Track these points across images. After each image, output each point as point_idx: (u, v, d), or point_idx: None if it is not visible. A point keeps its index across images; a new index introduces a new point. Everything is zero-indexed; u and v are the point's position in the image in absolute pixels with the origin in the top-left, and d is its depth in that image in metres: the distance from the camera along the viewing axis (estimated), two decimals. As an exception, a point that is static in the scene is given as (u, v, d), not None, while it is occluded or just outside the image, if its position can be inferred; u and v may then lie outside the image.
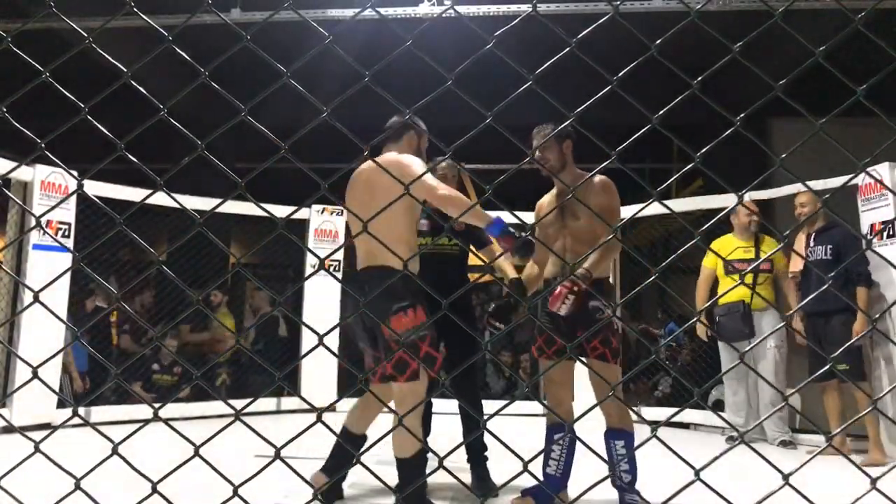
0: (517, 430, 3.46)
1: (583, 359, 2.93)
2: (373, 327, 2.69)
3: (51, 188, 5.06)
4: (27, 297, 4.84)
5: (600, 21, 1.17)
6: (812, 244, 4.56)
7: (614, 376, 2.90)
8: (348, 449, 2.79)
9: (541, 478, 3.11)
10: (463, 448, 3.13)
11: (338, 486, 3.00)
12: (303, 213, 6.38)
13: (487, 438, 3.19)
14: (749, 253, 4.95)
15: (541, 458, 3.05)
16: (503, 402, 1.55)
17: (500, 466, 3.22)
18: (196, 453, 1.14)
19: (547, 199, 3.26)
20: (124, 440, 1.15)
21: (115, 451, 1.13)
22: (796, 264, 4.64)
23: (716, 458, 1.05)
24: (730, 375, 5.04)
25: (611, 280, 3.15)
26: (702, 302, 5.09)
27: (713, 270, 5.10)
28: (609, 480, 2.86)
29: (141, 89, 1.23)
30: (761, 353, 4.86)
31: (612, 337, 2.88)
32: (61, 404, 4.91)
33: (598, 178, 3.05)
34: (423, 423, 3.28)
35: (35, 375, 1.17)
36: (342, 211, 6.35)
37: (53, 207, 1.46)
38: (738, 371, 4.94)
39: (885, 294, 4.39)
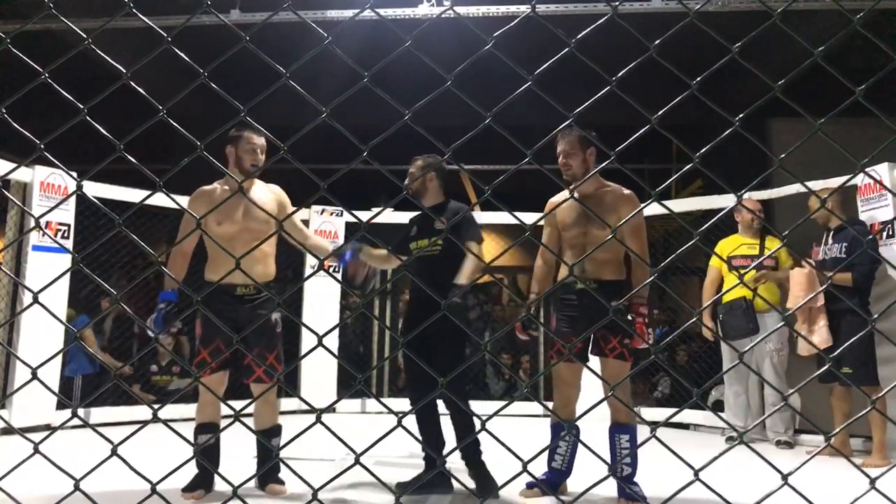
0: (517, 430, 3.46)
1: (586, 360, 3.02)
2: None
3: (50, 189, 5.06)
4: (27, 298, 4.84)
5: (599, 22, 1.17)
6: (830, 242, 4.52)
7: (626, 374, 3.03)
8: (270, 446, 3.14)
9: (541, 476, 3.15)
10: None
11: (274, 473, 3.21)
12: (303, 214, 6.38)
13: (488, 439, 3.19)
14: (753, 250, 4.92)
15: (541, 457, 3.08)
16: (503, 403, 1.55)
17: (500, 467, 3.22)
18: (195, 454, 1.14)
19: (563, 199, 3.29)
20: (123, 441, 1.15)
21: (114, 452, 1.13)
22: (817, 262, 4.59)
23: (715, 459, 1.05)
24: (731, 376, 5.02)
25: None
26: (708, 302, 5.05)
27: (719, 270, 5.06)
28: (609, 479, 2.89)
29: (140, 90, 1.23)
30: (761, 355, 4.85)
31: (629, 337, 3.00)
32: (61, 405, 4.92)
33: (625, 190, 3.15)
34: (434, 427, 3.29)
35: (34, 376, 1.17)
36: (342, 212, 6.36)
37: (53, 208, 1.46)
38: (739, 372, 4.93)
39: (889, 295, 4.36)
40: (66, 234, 5.11)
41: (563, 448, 3.12)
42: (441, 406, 3.43)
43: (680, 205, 6.15)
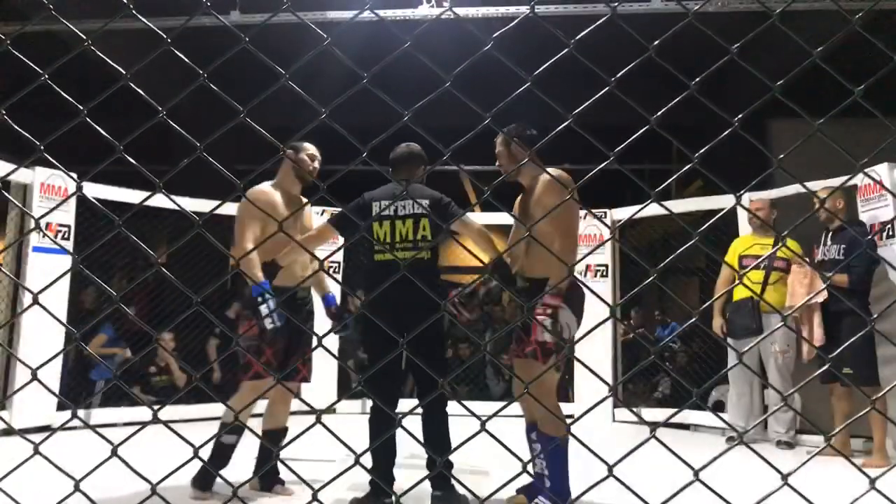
0: (517, 431, 3.45)
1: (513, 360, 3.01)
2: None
3: (50, 190, 5.06)
4: (27, 299, 4.84)
5: (598, 22, 1.17)
6: (829, 243, 4.52)
7: (539, 373, 2.79)
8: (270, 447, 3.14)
9: (528, 483, 3.12)
10: (464, 449, 3.10)
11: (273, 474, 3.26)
12: (302, 215, 6.37)
13: (486, 439, 3.16)
14: (765, 250, 4.86)
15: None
16: (503, 404, 1.55)
17: (499, 467, 3.21)
18: (195, 455, 1.14)
19: (520, 198, 3.29)
20: (123, 442, 1.15)
21: (114, 453, 1.13)
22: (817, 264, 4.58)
23: (715, 459, 1.05)
24: (735, 377, 5.00)
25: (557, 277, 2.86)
26: (719, 301, 5.01)
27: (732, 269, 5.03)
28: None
29: (140, 91, 1.23)
30: (766, 355, 4.84)
31: (545, 335, 2.81)
32: (61, 406, 4.91)
33: (547, 175, 2.92)
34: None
35: (34, 377, 1.17)
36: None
37: (52, 209, 1.46)
38: (744, 373, 4.91)
39: (889, 295, 4.36)
40: (66, 236, 5.11)
41: (537, 450, 2.99)
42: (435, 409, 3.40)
43: (680, 205, 6.15)
